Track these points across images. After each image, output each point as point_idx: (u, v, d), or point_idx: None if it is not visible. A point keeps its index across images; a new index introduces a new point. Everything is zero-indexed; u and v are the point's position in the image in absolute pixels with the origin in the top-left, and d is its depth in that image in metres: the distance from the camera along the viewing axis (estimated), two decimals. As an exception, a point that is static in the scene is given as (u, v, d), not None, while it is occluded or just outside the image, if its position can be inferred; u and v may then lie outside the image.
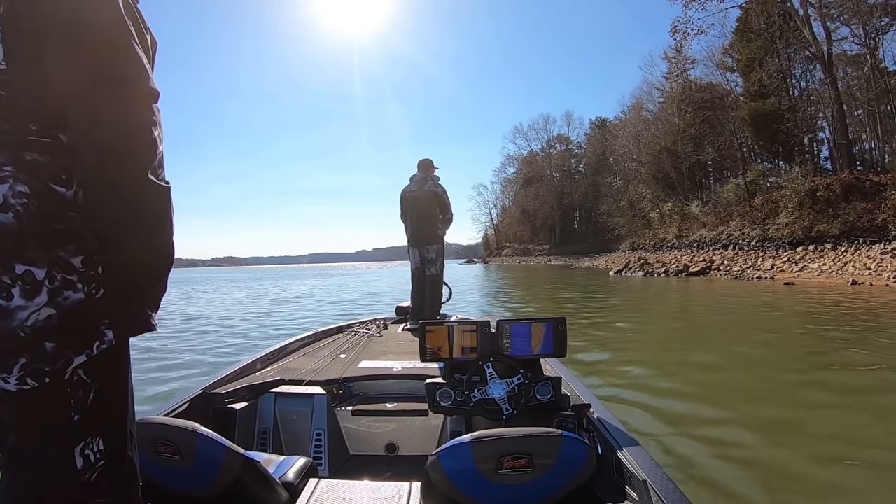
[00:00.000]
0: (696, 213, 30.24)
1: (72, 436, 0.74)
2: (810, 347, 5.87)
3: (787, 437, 2.98)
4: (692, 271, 21.94)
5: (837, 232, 19.33)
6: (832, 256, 18.38)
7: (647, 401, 3.70)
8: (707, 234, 27.07)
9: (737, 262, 21.63)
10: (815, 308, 9.36)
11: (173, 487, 1.20)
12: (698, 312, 10.00)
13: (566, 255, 54.52)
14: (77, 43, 0.70)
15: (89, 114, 0.71)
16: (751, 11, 26.32)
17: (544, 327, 1.79)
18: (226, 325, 9.55)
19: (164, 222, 0.79)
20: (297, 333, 3.47)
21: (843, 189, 20.63)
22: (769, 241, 22.06)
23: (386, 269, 64.60)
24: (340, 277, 35.67)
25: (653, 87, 39.06)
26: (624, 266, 26.35)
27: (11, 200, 0.68)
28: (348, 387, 2.37)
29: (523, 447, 1.09)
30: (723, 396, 3.87)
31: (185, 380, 4.78)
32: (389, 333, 3.65)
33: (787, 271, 18.52)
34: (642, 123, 38.93)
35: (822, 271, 17.18)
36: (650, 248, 32.45)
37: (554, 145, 67.78)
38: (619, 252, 37.80)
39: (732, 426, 3.17)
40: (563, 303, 12.71)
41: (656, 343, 6.74)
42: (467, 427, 1.86)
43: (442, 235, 4.39)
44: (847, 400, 3.66)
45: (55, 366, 0.70)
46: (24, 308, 0.68)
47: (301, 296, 18.35)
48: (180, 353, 6.38)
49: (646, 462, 1.29)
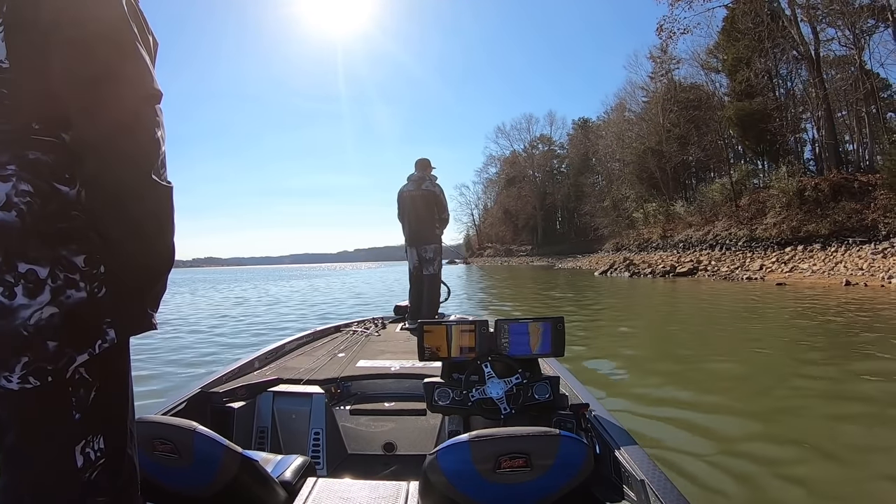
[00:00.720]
0: (682, 214, 29.89)
1: (73, 434, 0.73)
2: (827, 352, 5.42)
3: (810, 452, 2.75)
4: (679, 272, 21.43)
5: (827, 232, 19.10)
6: (822, 256, 18.12)
7: (667, 413, 3.40)
8: (693, 235, 26.71)
9: (724, 263, 21.20)
10: (818, 310, 8.77)
11: (171, 486, 1.19)
12: (694, 315, 9.39)
13: (548, 255, 54.37)
14: (81, 42, 0.69)
15: (93, 113, 0.70)
16: (738, 11, 26.11)
17: (542, 327, 1.79)
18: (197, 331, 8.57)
19: (166, 222, 0.79)
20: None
21: (831, 189, 20.43)
22: (757, 241, 21.73)
23: (371, 270, 64.12)
24: (325, 279, 34.82)
25: (637, 87, 38.90)
26: (609, 266, 25.77)
27: (15, 199, 0.68)
28: (346, 386, 2.34)
29: (521, 447, 1.09)
30: (748, 407, 3.56)
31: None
32: (388, 333, 3.63)
33: (776, 272, 18.13)
34: (626, 123, 38.69)
35: (812, 271, 16.81)
36: (634, 249, 32.06)
37: (536, 145, 67.81)
38: (603, 252, 37.44)
39: (766, 442, 2.89)
40: (554, 304, 12.08)
41: (660, 348, 6.27)
42: (465, 426, 1.84)
43: (439, 235, 4.39)
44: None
45: (58, 364, 0.70)
46: (27, 306, 0.68)
47: (282, 298, 17.27)
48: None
49: (644, 462, 1.28)
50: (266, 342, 3.77)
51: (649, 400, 3.68)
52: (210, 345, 6.86)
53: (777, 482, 2.37)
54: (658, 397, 3.76)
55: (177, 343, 6.91)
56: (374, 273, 44.65)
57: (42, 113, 0.71)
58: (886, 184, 18.32)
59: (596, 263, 31.50)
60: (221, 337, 7.69)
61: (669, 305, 11.52)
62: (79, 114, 0.70)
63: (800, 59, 23.82)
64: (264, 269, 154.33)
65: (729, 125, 27.24)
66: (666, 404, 3.57)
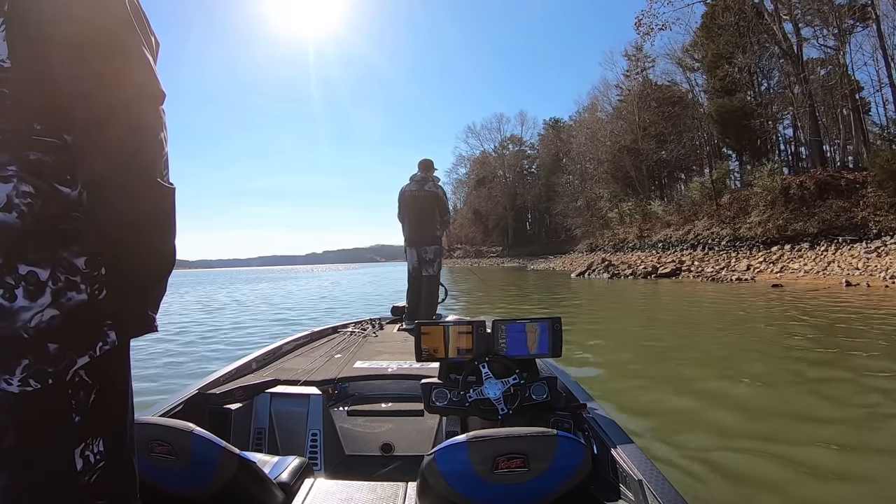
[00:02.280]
0: (659, 213, 28.92)
1: (72, 437, 0.72)
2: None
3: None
4: (661, 273, 20.24)
5: (815, 231, 18.37)
6: (812, 256, 17.33)
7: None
8: (672, 234, 25.77)
9: (708, 263, 20.15)
10: (837, 315, 7.64)
11: (169, 488, 1.19)
12: (705, 321, 8.19)
13: (519, 256, 53.55)
14: (84, 42, 0.69)
15: (95, 114, 0.70)
16: (719, 6, 25.34)
17: (539, 327, 1.78)
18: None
19: (168, 224, 0.79)
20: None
21: (817, 187, 19.75)
22: (741, 240, 20.85)
23: (347, 272, 61.81)
24: (297, 282, 32.29)
25: (612, 85, 38.11)
26: (587, 268, 24.44)
27: (16, 200, 0.67)
28: (344, 387, 2.33)
29: (519, 447, 1.09)
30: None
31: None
32: (385, 333, 3.58)
33: (765, 272, 17.16)
34: (600, 122, 37.78)
35: (805, 272, 15.88)
36: (609, 249, 31.05)
37: (507, 146, 66.86)
38: (577, 253, 36.42)
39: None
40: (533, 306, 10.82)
41: (663, 355, 5.52)
42: (463, 427, 1.85)
43: (440, 236, 4.35)
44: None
45: (58, 367, 0.69)
46: (28, 309, 0.67)
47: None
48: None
49: (641, 461, 1.29)
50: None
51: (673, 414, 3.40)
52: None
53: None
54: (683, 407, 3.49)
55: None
56: (353, 275, 42.02)
57: (43, 113, 0.69)
58: (875, 181, 17.71)
59: (571, 264, 30.45)
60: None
61: (665, 310, 10.12)
62: (82, 114, 0.69)
63: (784, 55, 23.09)
64: (233, 271, 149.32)
65: (710, 122, 26.33)
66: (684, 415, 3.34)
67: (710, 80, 26.90)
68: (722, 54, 25.17)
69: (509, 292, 15.63)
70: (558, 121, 57.70)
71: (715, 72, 25.80)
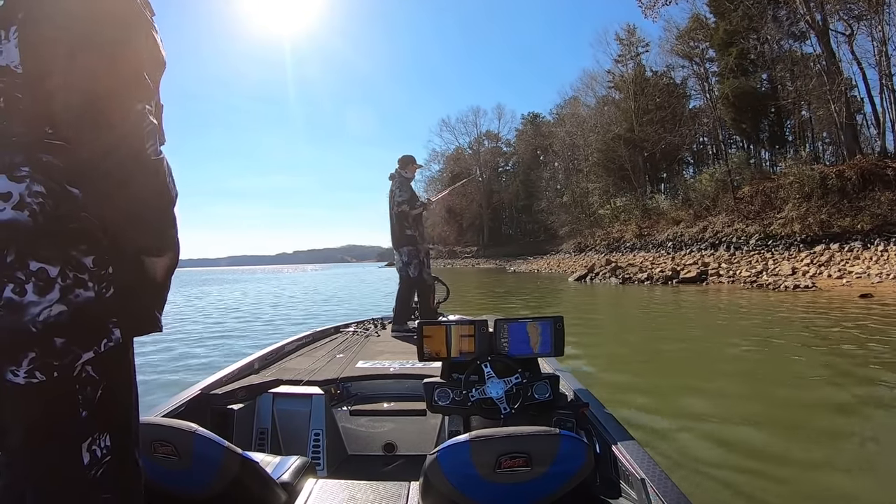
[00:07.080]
0: (664, 209, 25.87)
1: (79, 431, 0.74)
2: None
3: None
4: (684, 277, 16.99)
5: (868, 227, 15.37)
6: (868, 257, 14.30)
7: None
8: (684, 232, 22.79)
9: (741, 266, 17.01)
10: None
11: (171, 488, 1.18)
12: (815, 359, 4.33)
13: (496, 257, 50.49)
14: (91, 45, 0.70)
15: (97, 115, 0.71)
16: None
17: (541, 326, 1.77)
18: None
19: (166, 201, 0.80)
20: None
21: (859, 177, 16.87)
22: (774, 238, 17.84)
23: (323, 271, 58.20)
24: (269, 283, 27.28)
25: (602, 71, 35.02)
26: (588, 271, 20.98)
27: (28, 199, 0.69)
28: (346, 387, 2.31)
29: (521, 446, 1.08)
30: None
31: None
32: (387, 333, 3.56)
33: (820, 276, 14.06)
34: (591, 109, 34.62)
35: (886, 275, 12.63)
36: (603, 249, 27.94)
37: (482, 142, 63.58)
38: (564, 254, 33.17)
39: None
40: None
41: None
42: (465, 426, 1.80)
43: (412, 234, 4.11)
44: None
45: (63, 361, 0.70)
46: (37, 304, 0.69)
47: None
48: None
49: (644, 460, 1.28)
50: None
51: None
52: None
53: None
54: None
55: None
56: (331, 275, 37.23)
57: (53, 117, 0.71)
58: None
59: (559, 266, 27.08)
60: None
61: (748, 335, 6.26)
62: (84, 115, 0.70)
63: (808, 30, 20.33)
64: (203, 271, 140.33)
65: (724, 105, 23.37)
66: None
67: (722, 60, 24.01)
68: (737, 30, 22.32)
69: (504, 300, 11.91)
70: (537, 115, 55.26)
71: (728, 49, 22.95)
